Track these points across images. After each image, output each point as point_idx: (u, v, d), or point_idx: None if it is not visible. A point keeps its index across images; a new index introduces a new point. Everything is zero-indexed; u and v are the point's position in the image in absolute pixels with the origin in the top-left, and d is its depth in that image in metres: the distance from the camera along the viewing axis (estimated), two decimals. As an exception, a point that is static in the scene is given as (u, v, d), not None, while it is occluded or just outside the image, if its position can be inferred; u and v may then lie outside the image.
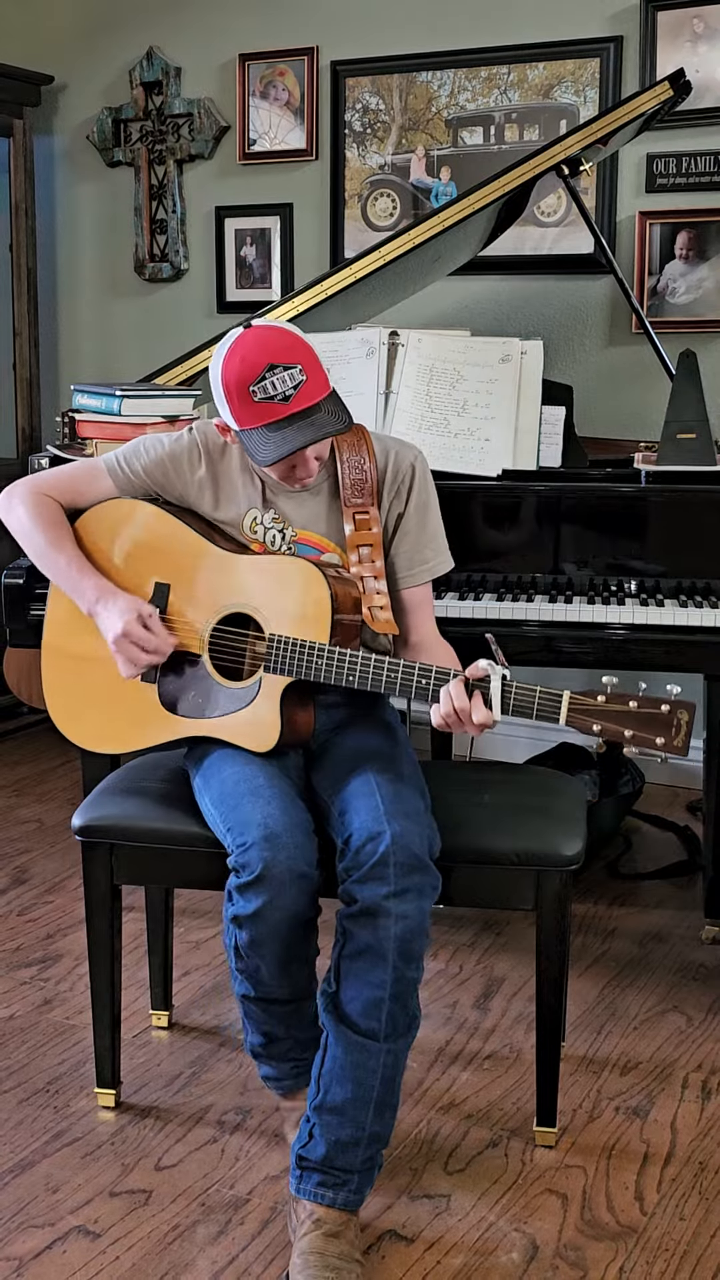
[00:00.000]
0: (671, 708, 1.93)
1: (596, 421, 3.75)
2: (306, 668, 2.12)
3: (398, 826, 2.02)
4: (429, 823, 2.11)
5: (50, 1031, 2.66)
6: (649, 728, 1.93)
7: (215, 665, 2.23)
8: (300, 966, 2.10)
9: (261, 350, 2.10)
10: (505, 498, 2.76)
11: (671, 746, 1.93)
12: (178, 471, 2.31)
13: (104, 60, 4.62)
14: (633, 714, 1.94)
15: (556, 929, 2.23)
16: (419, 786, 2.17)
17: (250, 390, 2.09)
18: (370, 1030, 2.00)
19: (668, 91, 3.10)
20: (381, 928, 1.99)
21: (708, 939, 3.04)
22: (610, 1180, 2.22)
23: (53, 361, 4.86)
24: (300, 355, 2.11)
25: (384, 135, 4.21)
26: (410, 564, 2.31)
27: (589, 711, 1.95)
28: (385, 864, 1.99)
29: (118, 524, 2.32)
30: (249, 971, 2.09)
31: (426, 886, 2.03)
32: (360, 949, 2.01)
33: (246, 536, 2.28)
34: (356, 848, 2.02)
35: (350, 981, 2.02)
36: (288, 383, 2.08)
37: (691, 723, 1.93)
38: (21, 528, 2.32)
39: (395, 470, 2.29)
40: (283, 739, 2.16)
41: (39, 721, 4.56)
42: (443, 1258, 2.04)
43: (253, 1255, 2.04)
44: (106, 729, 2.33)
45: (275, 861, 2.01)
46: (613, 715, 1.94)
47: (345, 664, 2.10)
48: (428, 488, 2.33)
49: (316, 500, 2.28)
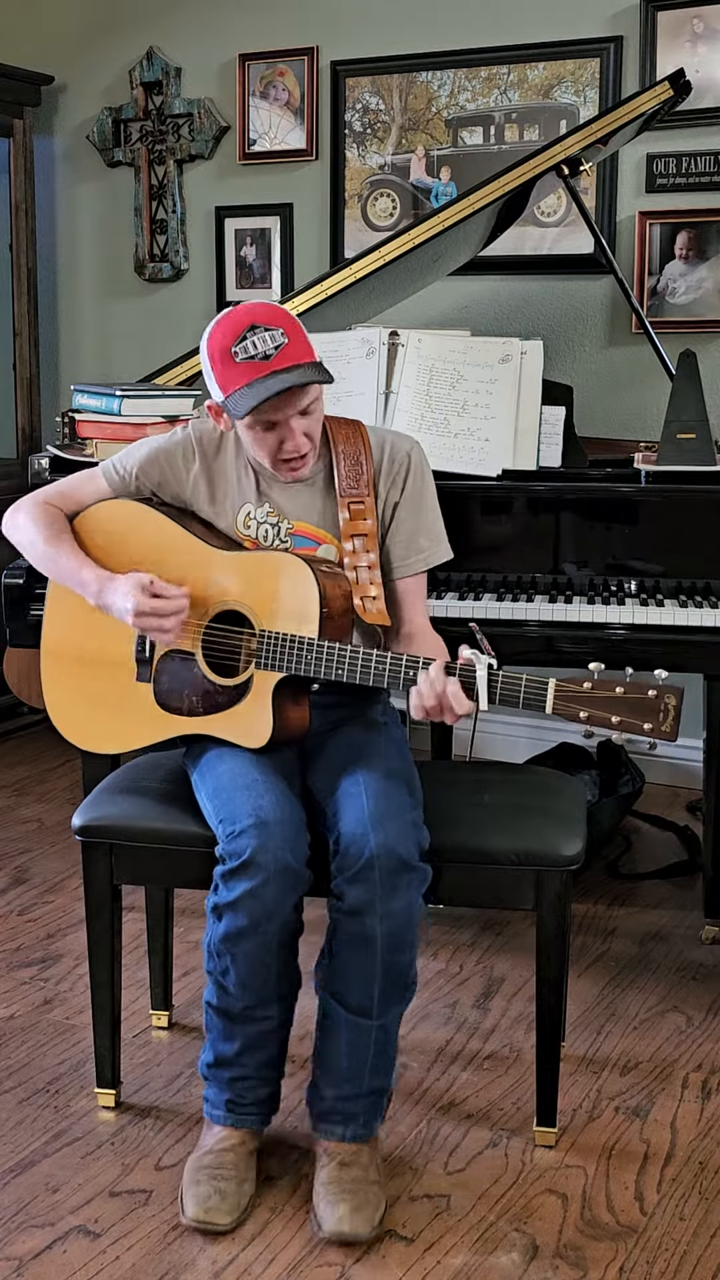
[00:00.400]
0: (659, 693, 1.91)
1: (596, 421, 3.75)
2: (296, 662, 2.13)
3: (383, 830, 2.04)
4: (415, 820, 2.12)
5: (50, 1031, 2.66)
6: (636, 713, 1.91)
7: (209, 662, 2.23)
8: (268, 979, 2.08)
9: (246, 314, 2.13)
10: (505, 498, 2.76)
11: (659, 732, 1.91)
12: (172, 468, 2.31)
13: (104, 60, 4.62)
14: (620, 699, 1.92)
15: (556, 929, 2.23)
16: (408, 783, 2.17)
17: (232, 351, 2.11)
18: (362, 1008, 2.09)
19: (668, 91, 3.10)
20: (369, 926, 2.05)
21: (708, 939, 3.04)
22: (610, 1180, 2.22)
23: (53, 361, 4.86)
24: (283, 322, 2.13)
25: (384, 135, 4.21)
26: (406, 553, 2.31)
27: (575, 698, 1.94)
28: (371, 868, 2.03)
29: (111, 524, 2.34)
30: (217, 973, 2.10)
31: (414, 882, 2.07)
32: (350, 940, 2.07)
33: (239, 534, 2.29)
34: (344, 849, 2.06)
35: (341, 965, 2.09)
36: (269, 342, 2.10)
37: (679, 707, 1.91)
38: (25, 537, 2.34)
39: (391, 459, 2.30)
40: (275, 735, 2.17)
41: (39, 721, 4.56)
42: (443, 1258, 2.04)
43: (253, 1255, 2.04)
44: (104, 728, 2.34)
45: (263, 848, 2.02)
46: (599, 701, 1.93)
47: (334, 657, 2.11)
48: (424, 476, 2.33)
49: (311, 491, 2.28)
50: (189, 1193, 2.09)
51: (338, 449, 2.28)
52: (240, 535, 2.29)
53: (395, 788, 2.13)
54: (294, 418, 2.16)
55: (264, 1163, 2.24)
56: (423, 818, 2.15)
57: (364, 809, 2.07)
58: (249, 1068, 2.15)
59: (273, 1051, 2.16)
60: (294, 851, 2.06)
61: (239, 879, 2.03)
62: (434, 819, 2.20)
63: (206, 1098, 2.20)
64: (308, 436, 2.19)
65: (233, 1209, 2.07)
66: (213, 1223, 2.05)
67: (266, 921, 2.04)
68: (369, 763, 2.17)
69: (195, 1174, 2.12)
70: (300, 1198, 2.16)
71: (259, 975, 2.08)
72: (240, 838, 2.04)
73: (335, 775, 2.18)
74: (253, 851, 2.02)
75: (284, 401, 2.13)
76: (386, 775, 2.14)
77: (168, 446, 2.32)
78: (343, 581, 2.20)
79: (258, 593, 2.19)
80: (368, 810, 2.07)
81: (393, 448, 2.31)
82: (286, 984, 2.13)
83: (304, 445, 2.19)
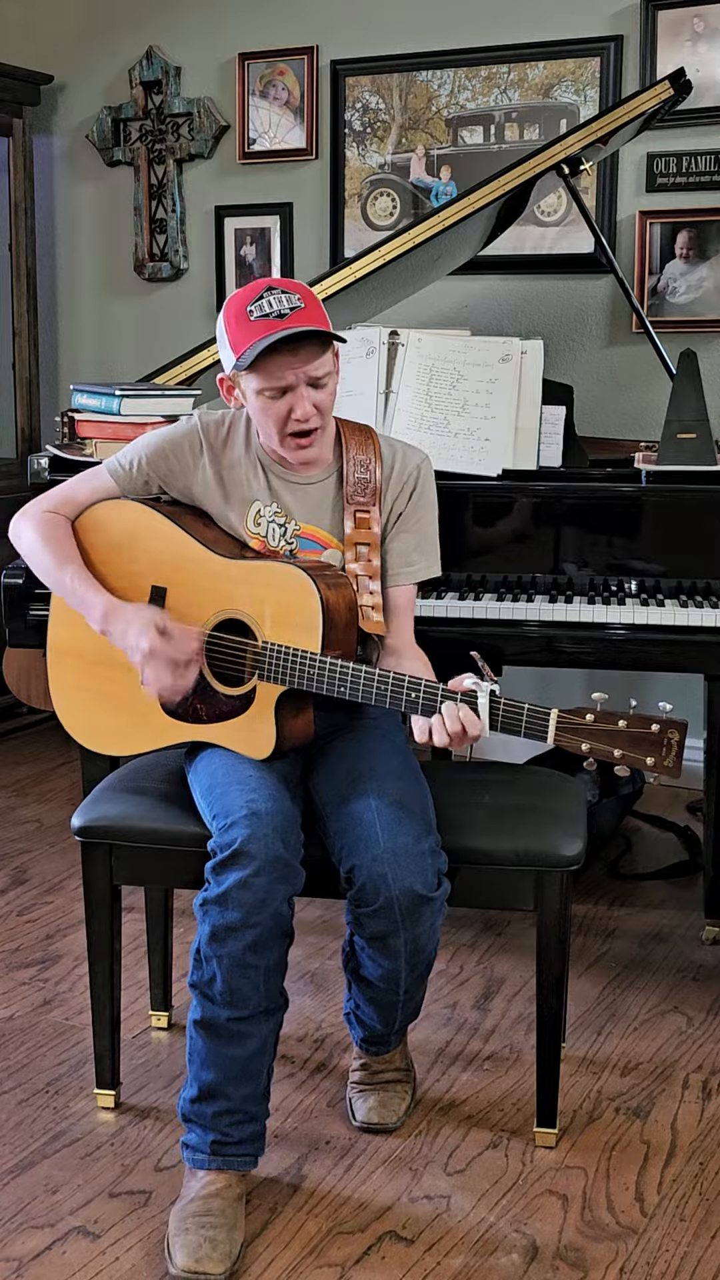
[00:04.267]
0: (662, 727, 1.89)
1: (596, 421, 3.75)
2: (298, 676, 2.11)
3: (400, 868, 2.04)
4: (432, 846, 2.10)
5: (50, 1032, 2.66)
6: (639, 747, 1.89)
7: (213, 671, 2.22)
8: (256, 986, 2.04)
9: (264, 281, 2.17)
10: (505, 498, 2.76)
11: (662, 766, 1.89)
12: (179, 459, 2.28)
13: (104, 60, 4.61)
14: (622, 733, 1.90)
15: (557, 929, 2.22)
16: (420, 803, 2.15)
17: (248, 310, 2.12)
18: (389, 992, 2.20)
19: (668, 91, 3.09)
20: (392, 949, 2.10)
21: (708, 939, 3.04)
22: (610, 1181, 2.22)
23: (52, 361, 4.86)
24: (300, 290, 2.16)
25: (384, 135, 4.20)
26: (398, 564, 2.30)
27: (577, 730, 1.92)
28: (390, 907, 2.05)
29: (113, 527, 2.31)
30: (203, 984, 2.05)
31: (436, 908, 2.09)
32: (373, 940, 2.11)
33: (248, 531, 2.27)
34: (360, 887, 2.07)
35: (365, 957, 2.16)
36: (284, 303, 2.12)
37: (683, 743, 1.89)
38: (30, 549, 2.31)
39: (401, 469, 2.29)
40: (279, 746, 2.15)
41: (39, 721, 4.56)
42: (443, 1258, 2.03)
43: (253, 1255, 2.03)
44: (111, 731, 2.33)
45: (255, 837, 2.00)
46: (602, 734, 1.91)
47: (336, 674, 2.09)
48: (430, 492, 2.33)
49: (321, 494, 2.27)
50: (177, 1242, 2.00)
51: (349, 454, 2.26)
52: (249, 533, 2.27)
53: (408, 812, 2.10)
54: (305, 387, 2.14)
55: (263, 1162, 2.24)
56: (438, 838, 2.13)
57: (379, 843, 2.05)
58: (234, 1100, 2.07)
59: (257, 1084, 2.09)
60: (287, 843, 2.03)
61: (230, 869, 2.00)
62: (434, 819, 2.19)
63: (187, 1143, 2.10)
64: (318, 410, 2.16)
65: (224, 1257, 1.98)
66: (206, 1273, 1.96)
67: (257, 913, 2.00)
68: (379, 782, 2.14)
69: (182, 1222, 2.02)
70: (300, 1198, 2.16)
71: (246, 981, 2.03)
72: (232, 829, 2.02)
73: (342, 787, 2.16)
74: (244, 840, 2.00)
75: (296, 360, 2.11)
76: (398, 796, 2.11)
77: (174, 437, 2.29)
78: (347, 591, 2.17)
79: (261, 603, 2.17)
80: (383, 845, 2.05)
81: (403, 459, 2.30)
82: (272, 998, 2.07)
83: (313, 416, 2.16)
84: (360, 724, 2.30)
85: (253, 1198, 2.16)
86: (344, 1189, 2.19)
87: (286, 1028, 2.54)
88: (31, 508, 2.35)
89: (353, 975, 2.25)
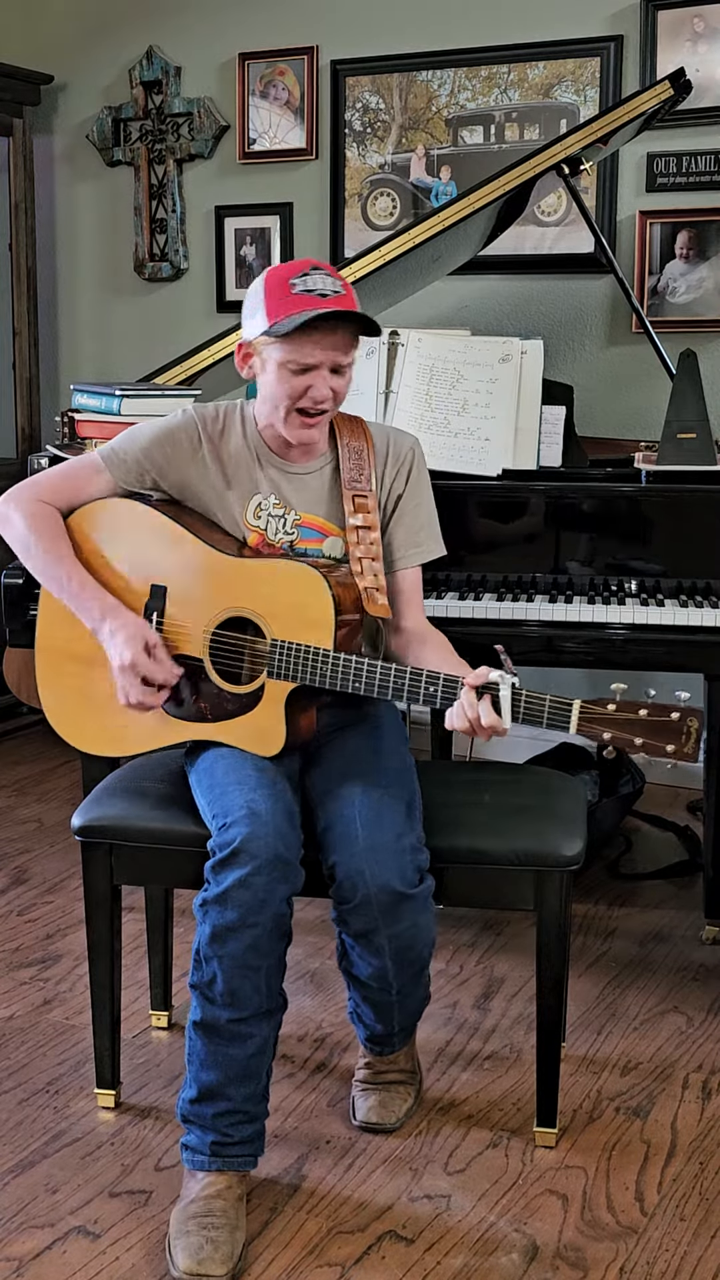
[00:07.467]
0: (681, 715, 1.93)
1: (596, 421, 3.75)
2: (311, 673, 2.11)
3: (376, 864, 2.05)
4: (413, 842, 2.10)
5: (50, 1032, 2.66)
6: (659, 735, 1.93)
7: (217, 669, 2.22)
8: (256, 986, 2.04)
9: (309, 260, 2.18)
10: (505, 497, 2.76)
11: (681, 754, 1.93)
12: (177, 450, 2.26)
13: (104, 60, 4.62)
14: (643, 722, 1.94)
15: (557, 929, 2.22)
16: (405, 798, 2.15)
17: (291, 283, 2.13)
18: (381, 991, 2.21)
19: (668, 91, 3.10)
20: (376, 946, 2.12)
21: (708, 939, 3.04)
22: (610, 1180, 2.22)
23: (52, 361, 4.86)
24: (343, 281, 2.18)
25: (384, 134, 4.20)
26: (405, 546, 2.32)
27: (600, 720, 1.95)
28: (369, 903, 2.07)
29: (112, 523, 2.30)
30: (203, 984, 2.05)
31: (417, 905, 2.09)
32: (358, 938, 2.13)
33: (247, 524, 2.26)
34: (339, 883, 2.08)
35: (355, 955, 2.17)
36: (329, 284, 2.14)
37: (701, 729, 1.94)
38: (19, 540, 2.27)
39: (396, 452, 2.31)
40: (288, 743, 2.16)
41: (39, 721, 4.55)
42: (443, 1258, 2.03)
43: (253, 1255, 2.03)
44: (106, 733, 2.31)
45: (254, 836, 2.00)
46: (623, 724, 1.94)
47: (351, 669, 2.09)
48: (424, 473, 2.35)
49: (318, 483, 2.28)
50: (178, 1244, 1.99)
51: (343, 441, 2.28)
52: (247, 525, 2.26)
53: (389, 809, 2.10)
54: (327, 370, 2.15)
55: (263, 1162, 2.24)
56: (421, 835, 2.13)
57: (357, 839, 2.06)
58: (234, 1100, 2.06)
59: (257, 1084, 2.08)
60: (286, 843, 2.03)
61: (229, 868, 2.00)
62: (434, 819, 2.20)
63: (187, 1144, 2.09)
64: (333, 394, 2.18)
65: (226, 1258, 1.96)
66: (208, 1274, 1.95)
67: (257, 912, 2.00)
68: (365, 777, 2.15)
69: (183, 1224, 2.02)
70: (300, 1198, 2.16)
71: (247, 981, 2.03)
72: (231, 828, 2.02)
73: (330, 781, 2.17)
74: (243, 840, 2.00)
75: (329, 342, 2.13)
76: (382, 793, 2.12)
77: (171, 427, 2.27)
78: (353, 589, 2.18)
79: (269, 601, 2.17)
80: (361, 841, 2.06)
81: (395, 442, 2.32)
82: (272, 998, 2.07)
83: (327, 400, 2.17)
84: (356, 722, 2.30)
85: (253, 1198, 2.16)
86: (344, 1189, 2.19)
87: (286, 1028, 2.54)
88: (15, 494, 2.30)
89: (347, 974, 2.26)
